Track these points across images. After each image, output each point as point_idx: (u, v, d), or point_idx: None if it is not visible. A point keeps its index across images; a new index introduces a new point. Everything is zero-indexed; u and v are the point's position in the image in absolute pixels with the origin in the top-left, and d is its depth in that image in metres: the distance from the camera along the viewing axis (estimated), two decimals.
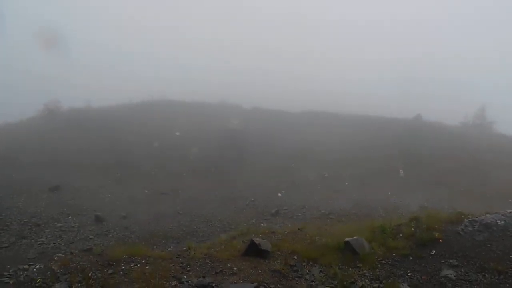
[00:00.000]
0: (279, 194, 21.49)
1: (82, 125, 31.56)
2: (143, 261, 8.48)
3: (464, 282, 7.66)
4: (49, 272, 7.69)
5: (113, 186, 21.75)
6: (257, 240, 9.27)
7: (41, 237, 13.84)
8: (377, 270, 8.51)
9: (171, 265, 8.42)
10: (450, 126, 38.49)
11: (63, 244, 13.31)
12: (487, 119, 42.04)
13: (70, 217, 16.24)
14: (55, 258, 8.66)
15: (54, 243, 13.30)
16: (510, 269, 7.61)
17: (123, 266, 8.18)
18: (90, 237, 14.30)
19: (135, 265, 8.29)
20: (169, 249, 12.18)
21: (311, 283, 8.03)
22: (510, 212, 9.33)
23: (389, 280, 8.06)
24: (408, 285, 7.90)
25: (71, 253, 9.44)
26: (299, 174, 25.15)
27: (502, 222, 8.96)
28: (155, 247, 12.64)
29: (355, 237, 9.33)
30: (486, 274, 7.70)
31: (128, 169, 24.79)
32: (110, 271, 7.92)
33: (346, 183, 23.83)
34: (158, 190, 21.57)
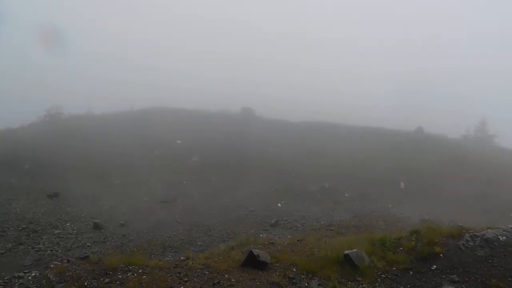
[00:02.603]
0: (279, 205, 21.36)
1: (83, 132, 31.74)
2: (140, 271, 8.37)
3: None
4: (44, 281, 7.60)
5: (112, 194, 21.72)
6: (256, 251, 9.16)
7: (38, 244, 13.78)
8: (377, 284, 8.37)
9: (168, 275, 8.31)
10: (452, 139, 38.47)
11: (60, 251, 13.23)
12: (488, 133, 42.14)
13: (68, 224, 16.20)
14: (51, 265, 8.56)
15: (51, 250, 13.23)
16: None
17: (119, 275, 8.08)
18: (88, 244, 14.23)
19: (131, 274, 8.18)
20: (166, 258, 12.08)
21: None
22: (511, 227, 9.22)
23: None
24: None
25: (68, 261, 9.31)
26: (299, 184, 25.04)
27: (504, 237, 8.83)
28: (152, 256, 12.52)
29: (354, 250, 9.21)
30: None
31: (128, 177, 24.78)
32: (106, 280, 7.82)
33: (346, 195, 23.70)
34: (158, 198, 21.50)
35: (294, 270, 8.90)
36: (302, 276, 8.65)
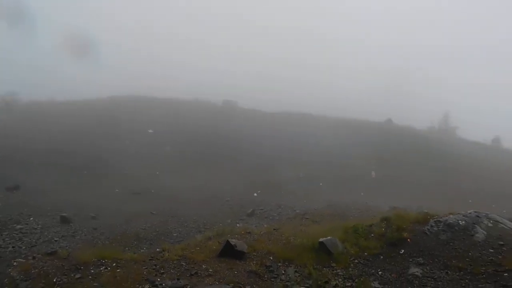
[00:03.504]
0: (255, 194, 21.50)
1: (46, 120, 29.81)
2: (114, 264, 8.13)
3: (430, 279, 8.02)
4: (6, 279, 7.17)
5: (81, 186, 20.81)
6: (232, 241, 9.19)
7: None
8: (350, 269, 8.70)
9: (143, 267, 8.14)
10: (418, 130, 40.28)
11: (23, 247, 12.35)
12: (451, 125, 44.78)
13: (32, 218, 15.19)
14: (14, 263, 8.10)
15: (13, 247, 12.29)
16: (470, 266, 8.06)
17: (92, 270, 7.80)
18: (55, 239, 13.46)
19: (105, 268, 7.93)
20: (141, 250, 11.80)
21: (287, 283, 8.06)
22: (470, 213, 9.94)
23: (361, 279, 8.27)
24: (379, 283, 8.14)
25: (33, 257, 8.81)
26: (275, 174, 25.29)
27: (463, 222, 9.54)
28: (126, 248, 12.18)
29: (329, 238, 9.49)
30: (448, 271, 8.10)
31: (97, 167, 23.83)
32: (78, 275, 7.50)
33: (321, 184, 24.25)
34: (130, 189, 20.85)
35: (271, 258, 9.02)
36: (279, 264, 8.81)
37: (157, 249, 9.92)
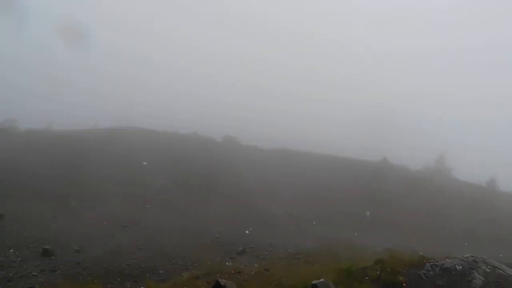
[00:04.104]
0: (247, 232, 20.96)
1: (40, 149, 29.56)
2: None
3: None
4: None
5: (68, 216, 20.12)
6: (222, 281, 8.77)
7: None
8: None
9: None
10: (414, 170, 40.48)
11: None
12: (446, 166, 45.10)
13: (12, 250, 14.51)
14: None
15: None
16: None
17: None
18: (34, 273, 12.77)
19: None
20: None
21: None
22: (466, 257, 9.71)
23: None
24: None
25: None
26: (268, 211, 24.89)
27: (460, 267, 9.31)
28: (109, 286, 11.63)
29: (322, 280, 9.09)
30: None
31: (87, 198, 23.24)
32: None
33: (314, 222, 23.82)
34: (119, 222, 20.20)
35: None
36: None
37: (141, 287, 9.42)
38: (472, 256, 9.73)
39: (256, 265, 13.82)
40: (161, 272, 13.73)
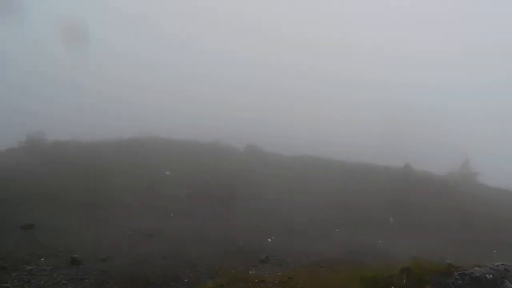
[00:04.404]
0: (269, 240, 20.94)
1: (67, 160, 30.67)
2: None
3: None
4: None
5: (95, 226, 20.70)
6: None
7: (6, 282, 12.49)
8: None
9: None
10: (438, 176, 39.29)
11: None
12: (471, 170, 43.49)
13: (42, 259, 14.98)
14: None
15: None
16: None
17: None
18: (63, 281, 13.13)
19: None
20: None
21: None
22: (497, 266, 9.31)
23: None
24: None
25: None
26: (291, 218, 24.78)
27: (491, 276, 8.91)
28: None
29: None
30: None
31: (113, 208, 23.89)
32: None
33: (337, 230, 23.52)
34: (143, 231, 20.61)
35: None
36: None
37: None
38: (503, 264, 9.32)
39: (280, 273, 13.74)
40: (185, 280, 13.87)
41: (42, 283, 12.97)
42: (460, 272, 9.31)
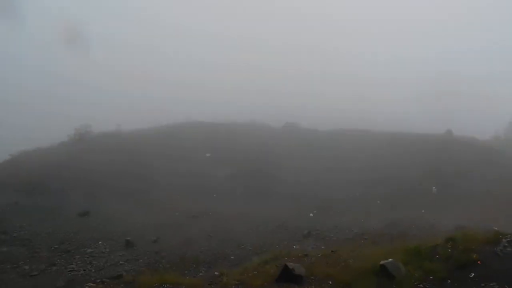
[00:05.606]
0: (311, 215, 21.16)
1: (112, 149, 32.20)
2: None
3: None
4: None
5: (143, 210, 22.01)
6: (290, 265, 9.08)
7: (71, 264, 13.98)
8: None
9: None
10: (482, 141, 36.94)
11: (93, 270, 13.44)
12: None
13: (100, 243, 16.44)
14: (86, 287, 8.79)
15: (84, 270, 13.43)
16: None
17: None
18: (121, 262, 14.38)
19: None
20: (200, 274, 12.13)
21: None
22: None
23: None
24: None
25: (102, 281, 9.44)
26: (330, 194, 24.62)
27: None
28: (186, 272, 12.66)
29: (390, 260, 9.00)
30: None
31: (158, 192, 25.12)
32: None
33: (378, 202, 23.16)
34: (188, 213, 21.61)
35: (330, 283, 8.74)
36: None
37: (215, 273, 10.10)
38: None
39: (323, 247, 14.02)
40: (232, 257, 14.57)
41: (102, 264, 14.32)
42: (508, 239, 9.00)
